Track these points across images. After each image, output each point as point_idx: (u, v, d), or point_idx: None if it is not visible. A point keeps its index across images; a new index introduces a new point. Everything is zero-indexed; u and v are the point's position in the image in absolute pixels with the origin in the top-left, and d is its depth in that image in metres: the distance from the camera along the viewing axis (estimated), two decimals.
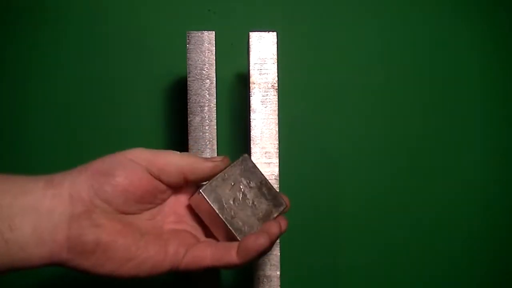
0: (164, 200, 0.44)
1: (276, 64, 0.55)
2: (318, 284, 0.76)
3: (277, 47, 0.55)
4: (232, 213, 0.44)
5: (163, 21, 0.73)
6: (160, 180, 0.42)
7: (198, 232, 0.45)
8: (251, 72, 0.55)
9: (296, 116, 0.75)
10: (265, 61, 0.55)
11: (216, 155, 0.57)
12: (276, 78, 0.55)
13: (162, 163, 0.41)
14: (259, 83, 0.55)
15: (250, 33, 0.55)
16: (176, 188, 0.44)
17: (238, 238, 0.43)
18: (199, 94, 0.56)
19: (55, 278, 0.73)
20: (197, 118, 0.56)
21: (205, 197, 0.43)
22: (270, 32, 0.56)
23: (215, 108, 0.56)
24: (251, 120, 0.55)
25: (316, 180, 0.76)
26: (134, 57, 0.73)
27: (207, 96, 0.56)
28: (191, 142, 0.56)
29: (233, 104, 0.74)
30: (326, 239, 0.76)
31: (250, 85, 0.55)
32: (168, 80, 0.74)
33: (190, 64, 0.56)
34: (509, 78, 0.77)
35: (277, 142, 0.55)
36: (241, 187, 0.46)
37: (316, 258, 0.76)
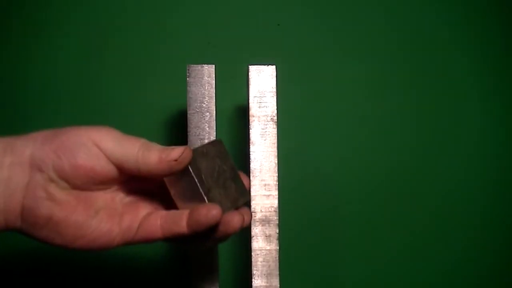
0: (126, 181, 0.43)
1: (275, 97, 0.56)
2: None
3: (276, 81, 0.56)
4: (208, 187, 0.42)
5: (163, 54, 0.74)
6: (119, 167, 0.40)
7: (159, 206, 0.44)
8: (251, 105, 0.56)
9: (296, 149, 0.75)
10: (264, 94, 0.56)
11: None
12: (275, 111, 0.56)
13: (121, 159, 0.40)
14: (259, 116, 0.56)
15: (250, 66, 0.56)
16: None
17: (206, 201, 0.42)
18: (199, 127, 0.57)
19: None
20: None
21: (188, 166, 0.41)
22: (269, 66, 0.56)
23: None
24: (250, 153, 0.56)
25: (316, 212, 0.75)
26: (134, 89, 0.74)
27: (207, 129, 0.57)
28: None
29: (233, 137, 0.74)
30: (326, 272, 0.76)
31: (250, 117, 0.56)
32: (168, 113, 0.74)
33: (190, 97, 0.57)
34: (508, 103, 0.78)
35: (277, 174, 0.55)
36: (216, 166, 0.45)
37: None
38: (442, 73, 0.77)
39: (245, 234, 0.70)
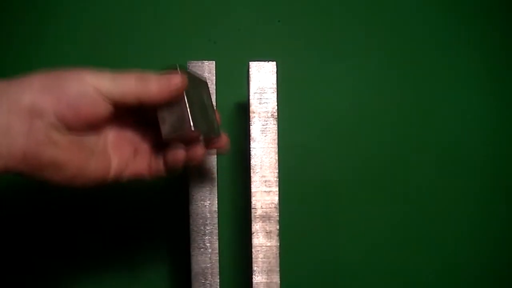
0: (116, 121, 0.46)
1: (275, 93, 0.56)
2: None
3: (277, 77, 0.56)
4: (192, 102, 0.45)
5: (164, 50, 0.74)
6: (118, 105, 0.42)
7: (140, 141, 0.48)
8: (251, 101, 0.56)
9: (296, 145, 0.75)
10: (264, 90, 0.56)
11: (216, 183, 0.57)
12: (276, 107, 0.56)
13: (120, 96, 0.41)
14: (259, 112, 0.56)
15: (250, 62, 0.56)
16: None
17: (191, 123, 0.44)
18: None
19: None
20: None
21: (179, 71, 0.44)
22: (270, 62, 0.56)
23: None
24: (251, 149, 0.56)
25: (317, 208, 0.76)
26: None
27: None
28: (191, 171, 0.57)
29: (233, 133, 0.74)
30: (327, 268, 0.76)
31: (250, 114, 0.56)
32: None
33: None
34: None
35: (277, 171, 0.55)
36: (202, 95, 0.48)
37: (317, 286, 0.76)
38: (444, 71, 0.77)
39: (245, 231, 0.70)
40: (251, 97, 0.56)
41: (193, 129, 0.44)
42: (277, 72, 0.56)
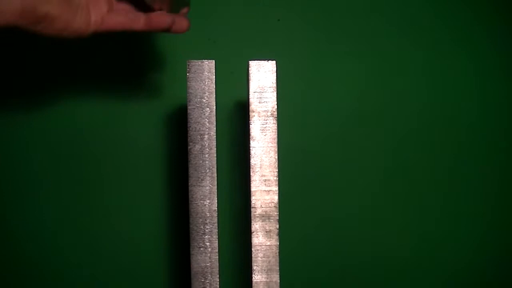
0: None
1: (275, 92, 0.56)
2: None
3: (277, 76, 0.56)
4: None
5: (164, 50, 0.74)
6: None
7: (116, 1, 0.54)
8: (251, 100, 0.56)
9: (296, 144, 0.75)
10: (264, 89, 0.56)
11: (216, 182, 0.57)
12: (276, 107, 0.56)
13: None
14: (259, 112, 0.56)
15: (250, 62, 0.56)
16: None
17: None
18: (199, 122, 0.57)
19: None
20: (197, 146, 0.57)
21: None
22: (270, 61, 0.56)
23: (215, 136, 0.57)
24: (250, 148, 0.55)
25: (316, 208, 0.76)
26: (135, 85, 0.74)
27: (207, 124, 0.57)
28: (191, 170, 0.56)
29: (233, 132, 0.74)
30: (327, 267, 0.76)
31: (250, 113, 0.56)
32: (169, 108, 0.74)
33: (190, 93, 0.57)
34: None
35: (277, 170, 0.55)
36: None
37: None
38: (443, 71, 0.77)
39: (245, 230, 0.70)
40: (250, 96, 0.56)
41: None
42: (277, 71, 0.56)
